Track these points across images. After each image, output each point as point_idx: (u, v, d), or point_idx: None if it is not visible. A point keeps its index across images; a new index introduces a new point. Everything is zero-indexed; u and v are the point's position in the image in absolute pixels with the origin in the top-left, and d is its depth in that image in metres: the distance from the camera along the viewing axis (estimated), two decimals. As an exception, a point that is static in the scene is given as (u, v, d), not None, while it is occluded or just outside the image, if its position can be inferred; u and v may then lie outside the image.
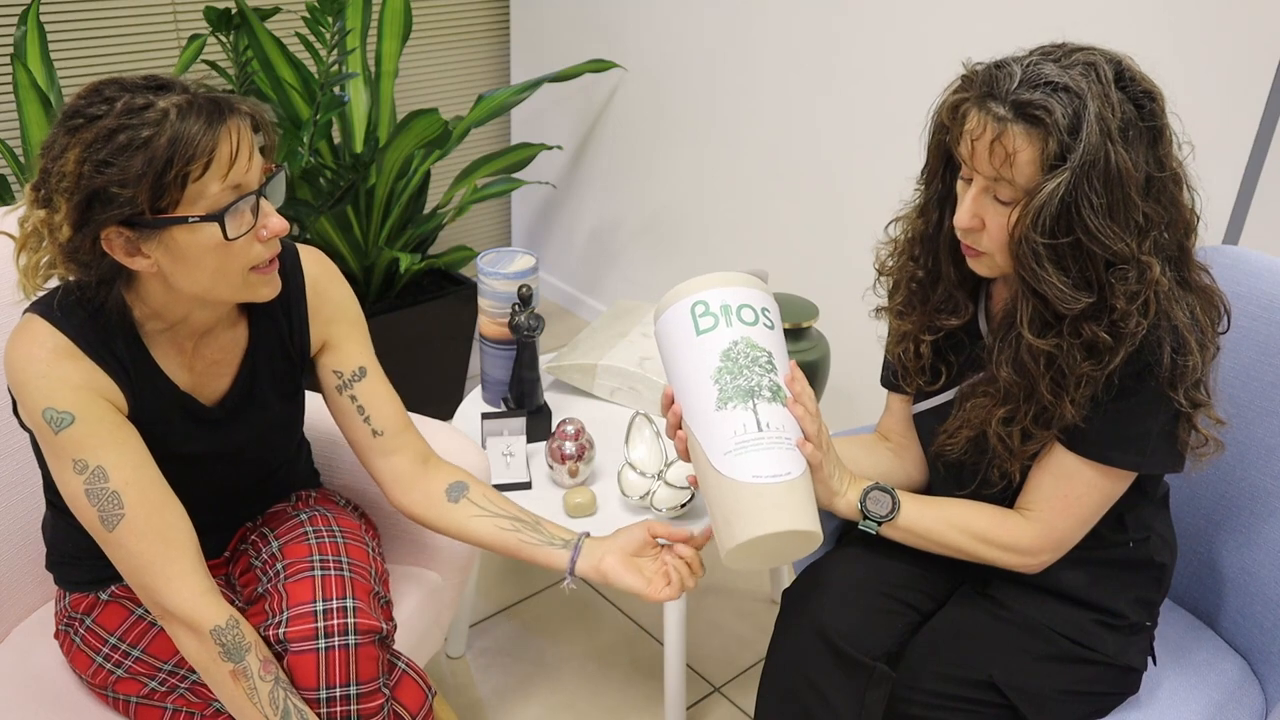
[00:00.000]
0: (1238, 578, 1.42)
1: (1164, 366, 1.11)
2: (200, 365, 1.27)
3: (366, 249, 2.61)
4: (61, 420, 1.13)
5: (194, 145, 1.05)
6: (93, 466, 1.14)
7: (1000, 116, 1.07)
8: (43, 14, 2.36)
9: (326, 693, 1.19)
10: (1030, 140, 1.06)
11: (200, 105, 1.07)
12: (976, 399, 1.22)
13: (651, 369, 1.92)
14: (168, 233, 1.08)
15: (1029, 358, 1.14)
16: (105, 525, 1.15)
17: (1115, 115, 1.05)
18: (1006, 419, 1.19)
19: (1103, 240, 1.06)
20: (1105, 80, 1.05)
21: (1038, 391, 1.15)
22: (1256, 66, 1.69)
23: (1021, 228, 1.08)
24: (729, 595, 2.21)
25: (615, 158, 3.00)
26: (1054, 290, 1.09)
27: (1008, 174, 1.08)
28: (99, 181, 1.04)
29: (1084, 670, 1.27)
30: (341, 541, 1.34)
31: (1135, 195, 1.06)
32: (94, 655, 1.30)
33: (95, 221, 1.06)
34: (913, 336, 1.30)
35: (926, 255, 1.27)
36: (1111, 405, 1.15)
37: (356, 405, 1.36)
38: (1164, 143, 1.10)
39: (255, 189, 1.12)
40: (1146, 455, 1.17)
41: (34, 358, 1.14)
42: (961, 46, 2.04)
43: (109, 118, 1.05)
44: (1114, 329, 1.10)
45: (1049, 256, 1.08)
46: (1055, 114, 1.04)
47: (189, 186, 1.07)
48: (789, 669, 1.28)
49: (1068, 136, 1.04)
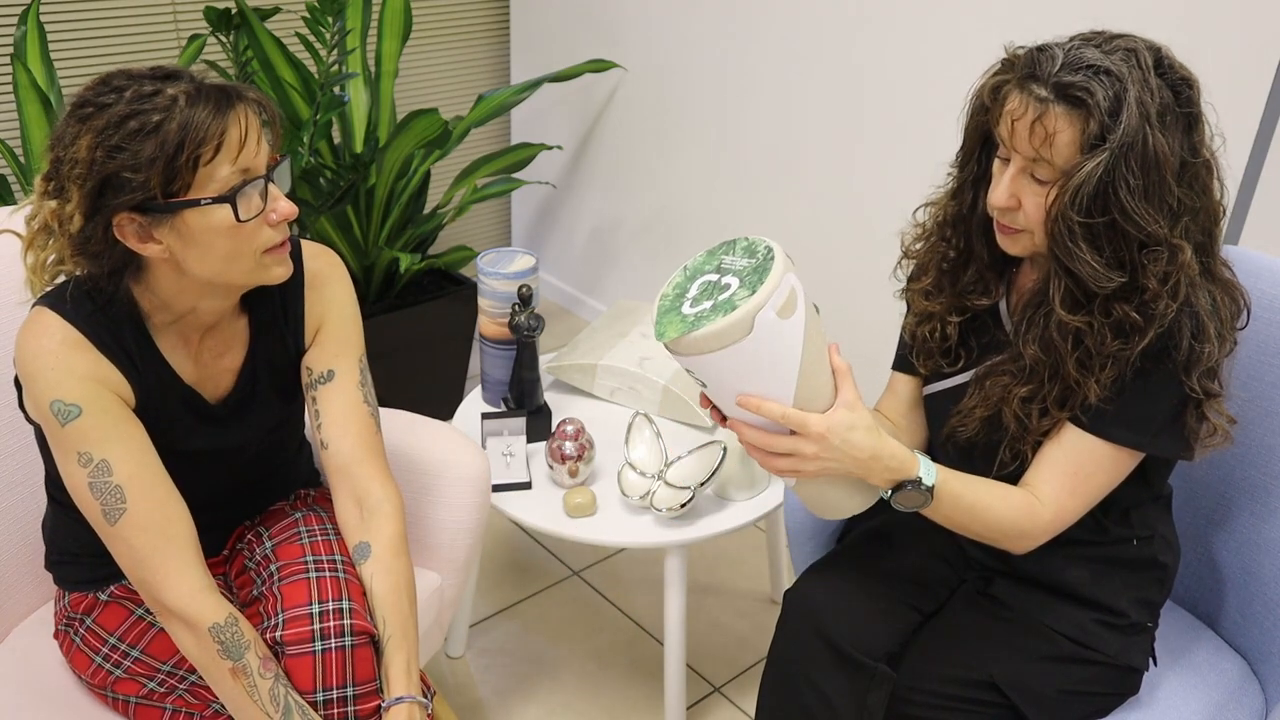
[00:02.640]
0: (1238, 578, 1.42)
1: (1181, 351, 1.13)
2: (206, 359, 1.27)
3: (366, 249, 2.61)
4: (69, 412, 1.14)
5: (204, 129, 1.07)
6: (97, 460, 1.15)
7: (1042, 98, 1.09)
8: (43, 14, 2.36)
9: (324, 695, 1.19)
10: (1071, 121, 1.08)
11: (208, 92, 1.09)
12: (996, 378, 1.23)
13: (651, 369, 1.92)
14: (180, 216, 1.10)
15: (1058, 335, 1.16)
16: (107, 519, 1.15)
17: (1154, 100, 1.06)
18: (1028, 397, 1.20)
19: (1137, 221, 1.08)
20: (1145, 66, 1.07)
21: (1063, 370, 1.17)
22: (1256, 66, 1.68)
23: (1059, 206, 1.10)
24: (729, 595, 2.21)
25: (615, 158, 3.00)
26: (1087, 269, 1.11)
27: (1047, 154, 1.10)
28: (111, 166, 1.06)
29: (1085, 670, 1.27)
30: (335, 541, 1.34)
31: (1170, 179, 1.08)
32: (93, 655, 1.30)
33: (108, 208, 1.08)
34: (939, 317, 1.31)
35: (959, 236, 1.28)
36: (1127, 384, 1.16)
37: (315, 409, 1.33)
38: (1199, 130, 1.11)
39: (263, 174, 1.14)
40: (1153, 436, 1.18)
41: (44, 349, 1.15)
42: (961, 46, 2.05)
43: (120, 104, 1.07)
44: (1144, 309, 1.12)
45: (1084, 235, 1.10)
46: (1097, 96, 1.06)
47: (200, 170, 1.08)
48: (790, 669, 1.27)
49: (1108, 118, 1.06)
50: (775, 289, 1.03)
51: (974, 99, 1.19)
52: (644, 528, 1.66)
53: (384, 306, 2.59)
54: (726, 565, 2.28)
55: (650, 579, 2.24)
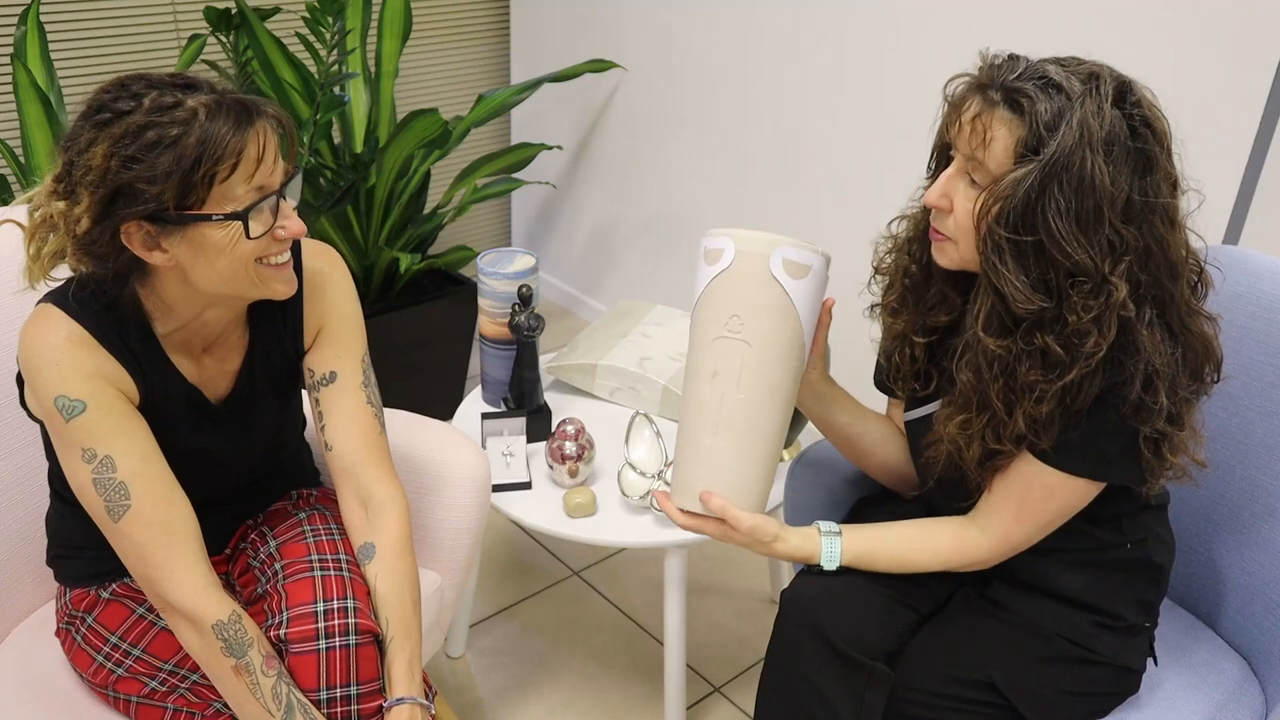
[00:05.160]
0: (1238, 578, 1.42)
1: (1128, 402, 1.10)
2: (207, 361, 1.28)
3: (366, 249, 2.61)
4: (73, 408, 1.14)
5: (222, 146, 1.06)
6: (101, 456, 1.15)
7: (990, 99, 1.09)
8: (43, 14, 2.36)
9: (327, 693, 1.19)
10: (1009, 126, 1.08)
11: (228, 107, 1.08)
12: (944, 409, 1.22)
13: (651, 369, 1.92)
14: (190, 228, 1.09)
15: (983, 361, 1.14)
16: (111, 515, 1.15)
17: (1102, 127, 1.05)
18: (962, 426, 1.19)
19: (1064, 247, 1.06)
20: (1103, 93, 1.06)
21: (989, 398, 1.15)
22: (1256, 66, 1.69)
23: (987, 218, 1.09)
24: (729, 595, 2.21)
25: (615, 158, 3.00)
26: (1011, 287, 1.09)
27: (981, 155, 1.09)
28: (126, 177, 1.05)
29: (1083, 671, 1.27)
30: (340, 540, 1.34)
31: (1109, 212, 1.06)
32: (95, 654, 1.30)
33: (118, 216, 1.07)
34: (907, 338, 1.30)
35: (923, 251, 1.27)
36: (1077, 418, 1.13)
37: (318, 410, 1.34)
38: (1155, 174, 1.08)
39: (276, 189, 1.13)
40: (1106, 465, 1.16)
41: (49, 345, 1.14)
42: (960, 46, 2.05)
43: (138, 114, 1.06)
44: (1067, 343, 1.09)
45: (1011, 252, 1.09)
46: (1039, 106, 1.05)
47: (215, 187, 1.08)
48: (788, 669, 1.27)
49: (1045, 131, 1.05)
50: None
51: (943, 100, 1.18)
52: (644, 528, 1.66)
53: (384, 307, 2.59)
54: (726, 565, 2.29)
55: (650, 579, 2.24)
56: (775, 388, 1.21)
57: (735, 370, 1.19)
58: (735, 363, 1.19)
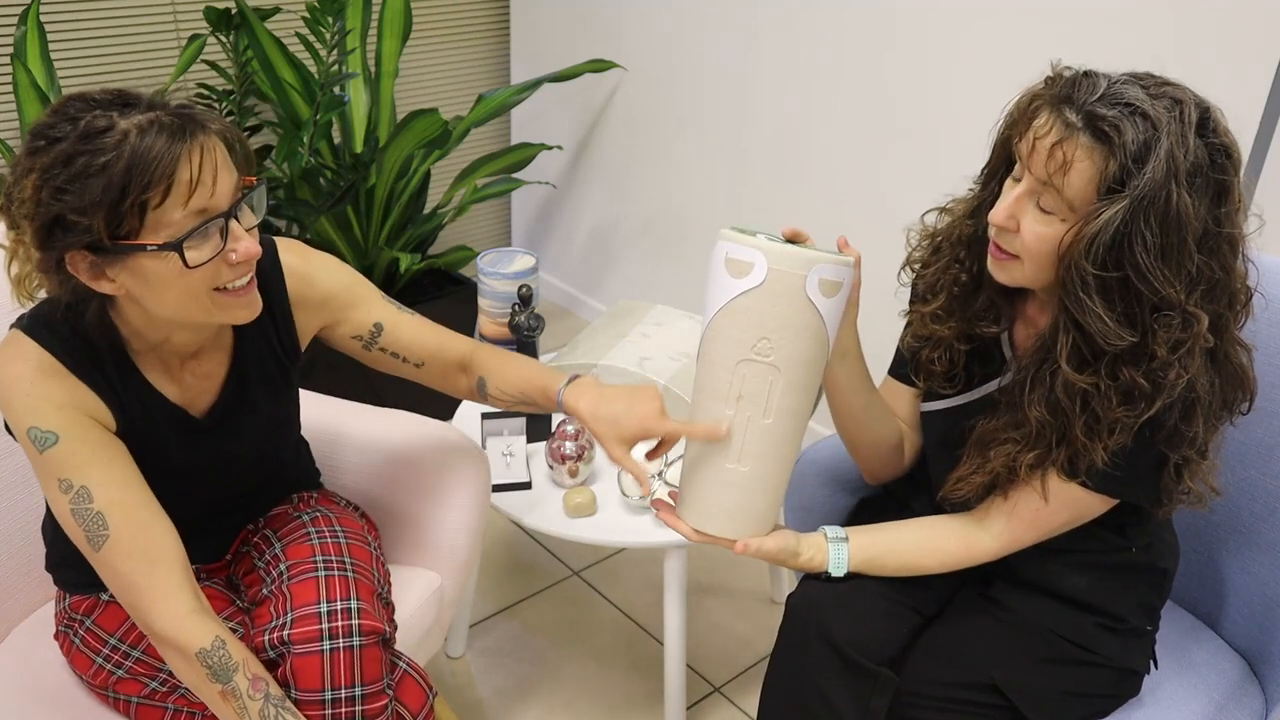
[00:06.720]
0: (1238, 578, 1.43)
1: (1165, 428, 1.10)
2: (188, 379, 1.25)
3: (366, 249, 2.61)
4: (46, 440, 1.12)
5: (150, 171, 1.00)
6: (77, 486, 1.13)
7: (1069, 123, 1.03)
8: (43, 14, 2.36)
9: (331, 694, 1.19)
10: (1092, 155, 1.03)
11: (163, 125, 1.02)
12: (999, 446, 1.19)
13: (651, 369, 1.92)
14: (131, 258, 1.05)
15: (1064, 396, 1.11)
16: (92, 545, 1.14)
17: (1187, 158, 1.01)
18: (1035, 464, 1.16)
19: (1152, 282, 1.03)
20: (1188, 120, 1.02)
21: (1071, 433, 1.12)
22: (1256, 66, 1.69)
23: (1073, 254, 1.05)
24: (729, 595, 2.21)
25: (615, 158, 3.00)
26: (1098, 324, 1.06)
27: (1059, 182, 1.05)
28: (56, 209, 1.01)
29: (1085, 672, 1.27)
30: (344, 542, 1.34)
31: (1191, 243, 1.03)
32: (94, 656, 1.30)
33: (58, 246, 1.04)
34: (947, 343, 1.27)
35: (973, 259, 1.23)
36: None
37: (389, 354, 1.38)
38: (1229, 202, 1.06)
39: (224, 211, 1.07)
40: (1127, 485, 1.16)
41: (19, 375, 1.12)
42: (960, 47, 2.05)
43: (66, 141, 1.01)
44: (1152, 376, 1.07)
45: (1097, 288, 1.05)
46: (1126, 136, 1.01)
47: (149, 214, 1.02)
48: (793, 674, 1.27)
49: (1132, 163, 1.01)
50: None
51: (1008, 113, 1.14)
52: (644, 528, 1.66)
53: (384, 306, 2.59)
54: (726, 565, 2.29)
55: (650, 579, 2.24)
56: (800, 410, 1.17)
57: (763, 397, 1.14)
58: (763, 388, 1.14)
